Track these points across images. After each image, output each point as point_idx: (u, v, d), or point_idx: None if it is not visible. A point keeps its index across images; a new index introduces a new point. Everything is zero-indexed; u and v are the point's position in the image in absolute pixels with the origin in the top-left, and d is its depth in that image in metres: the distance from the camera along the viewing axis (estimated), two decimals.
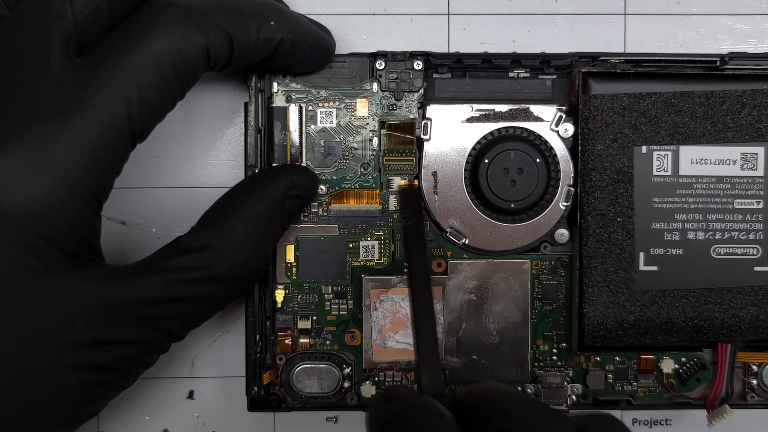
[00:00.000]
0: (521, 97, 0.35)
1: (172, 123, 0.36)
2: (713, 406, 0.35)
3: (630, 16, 0.37)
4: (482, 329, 0.35)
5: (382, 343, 0.35)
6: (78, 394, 0.27)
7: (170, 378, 0.37)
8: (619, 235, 0.34)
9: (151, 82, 0.27)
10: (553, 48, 0.36)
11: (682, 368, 0.36)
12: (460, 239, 0.35)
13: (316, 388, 0.35)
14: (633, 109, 0.34)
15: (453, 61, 0.34)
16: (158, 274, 0.28)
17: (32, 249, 0.25)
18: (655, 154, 0.34)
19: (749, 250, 0.34)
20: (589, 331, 0.34)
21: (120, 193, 0.36)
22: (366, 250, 0.35)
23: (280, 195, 0.32)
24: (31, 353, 0.26)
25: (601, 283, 0.34)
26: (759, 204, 0.34)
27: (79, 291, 0.26)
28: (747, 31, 0.37)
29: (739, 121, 0.34)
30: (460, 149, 0.35)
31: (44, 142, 0.25)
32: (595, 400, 0.36)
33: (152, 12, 0.27)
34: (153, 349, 0.29)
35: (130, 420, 0.37)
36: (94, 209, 0.27)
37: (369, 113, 0.35)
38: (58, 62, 0.26)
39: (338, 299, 0.35)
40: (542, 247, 0.36)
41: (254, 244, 0.31)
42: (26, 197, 0.25)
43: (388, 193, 0.35)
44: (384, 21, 0.37)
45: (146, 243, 0.36)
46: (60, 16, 0.27)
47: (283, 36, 0.30)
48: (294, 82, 0.34)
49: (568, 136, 0.35)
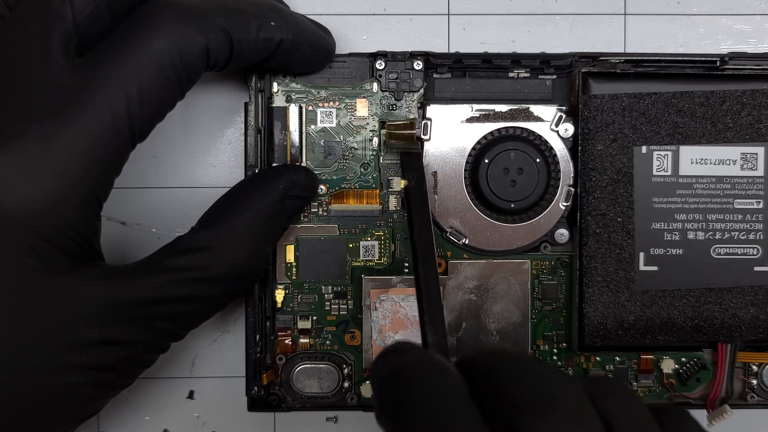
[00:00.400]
0: (521, 97, 0.35)
1: (172, 123, 0.36)
2: (713, 406, 0.35)
3: (630, 16, 0.37)
4: (482, 329, 0.35)
5: (382, 343, 0.35)
6: (78, 394, 0.27)
7: (170, 378, 0.37)
8: (619, 235, 0.34)
9: (151, 81, 0.27)
10: (553, 48, 0.36)
11: (682, 368, 0.36)
12: (460, 239, 0.35)
13: (316, 388, 0.35)
14: (633, 109, 0.34)
15: (453, 61, 0.34)
16: (158, 274, 0.28)
17: (32, 249, 0.25)
18: (655, 154, 0.34)
19: (749, 250, 0.34)
20: (589, 331, 0.34)
21: (120, 193, 0.36)
22: (366, 250, 0.35)
23: (280, 195, 0.32)
24: (30, 353, 0.26)
25: (601, 283, 0.34)
26: (759, 204, 0.34)
27: (79, 291, 0.26)
28: (747, 31, 0.37)
29: (739, 121, 0.34)
30: (460, 149, 0.35)
31: (44, 142, 0.25)
32: None
33: (152, 12, 0.27)
34: (153, 348, 0.29)
35: (130, 420, 0.37)
36: (94, 209, 0.27)
37: (369, 113, 0.35)
38: (58, 62, 0.26)
39: (338, 299, 0.35)
40: (542, 247, 0.36)
41: (254, 245, 0.31)
42: (26, 197, 0.25)
43: (388, 193, 0.35)
44: (384, 21, 0.37)
45: (146, 243, 0.36)
46: (60, 16, 0.27)
47: (283, 36, 0.30)
48: (294, 82, 0.34)
49: (568, 136, 0.35)
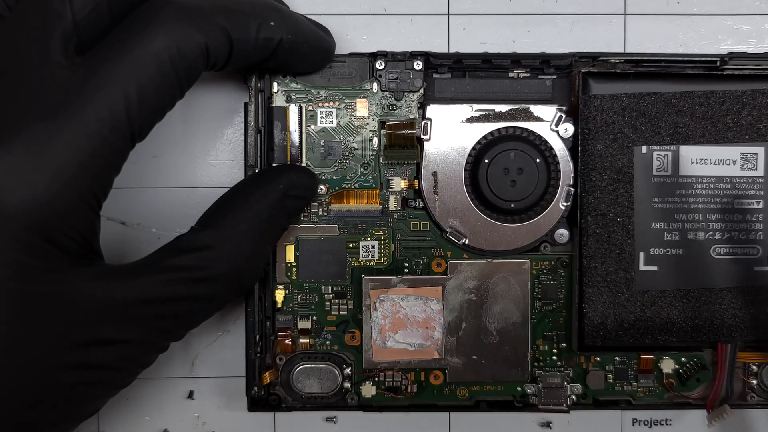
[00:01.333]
0: (521, 97, 0.35)
1: (172, 123, 0.36)
2: (713, 406, 0.35)
3: (630, 16, 0.37)
4: (482, 329, 0.35)
5: (382, 343, 0.35)
6: (77, 393, 0.27)
7: (170, 378, 0.37)
8: (619, 235, 0.34)
9: (151, 80, 0.27)
10: (553, 48, 0.36)
11: (682, 368, 0.36)
12: (460, 239, 0.35)
13: (316, 388, 0.35)
14: (633, 109, 0.34)
15: (453, 61, 0.34)
16: (157, 273, 0.28)
17: (31, 248, 0.25)
18: (655, 154, 0.34)
19: (749, 250, 0.34)
20: (589, 331, 0.34)
21: (120, 193, 0.36)
22: (366, 250, 0.35)
23: (280, 195, 0.32)
24: (29, 352, 0.26)
25: (601, 283, 0.34)
26: (759, 204, 0.34)
27: (78, 290, 0.26)
28: (747, 31, 0.37)
29: (739, 121, 0.34)
30: (460, 149, 0.35)
31: (44, 141, 0.25)
32: (595, 400, 0.36)
33: (152, 11, 0.27)
34: (152, 348, 0.29)
35: (130, 420, 0.37)
36: (94, 208, 0.27)
37: (369, 113, 0.35)
38: (57, 61, 0.26)
39: (338, 299, 0.35)
40: (542, 247, 0.36)
41: (253, 244, 0.31)
42: (26, 196, 0.25)
43: (388, 193, 0.35)
44: (384, 21, 0.37)
45: (146, 243, 0.36)
46: (59, 15, 0.27)
47: (282, 36, 0.30)
48: (294, 82, 0.34)
49: (568, 136, 0.35)
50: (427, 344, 0.35)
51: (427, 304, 0.35)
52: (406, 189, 0.35)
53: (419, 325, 0.35)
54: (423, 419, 0.37)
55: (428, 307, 0.35)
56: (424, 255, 0.35)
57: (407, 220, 0.35)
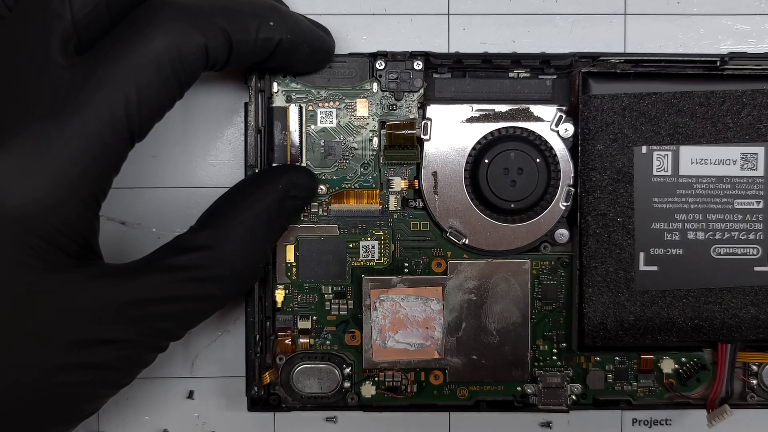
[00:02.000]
0: (521, 97, 0.35)
1: (171, 123, 0.36)
2: (713, 406, 0.35)
3: (630, 16, 0.37)
4: (482, 329, 0.35)
5: (382, 343, 0.35)
6: (76, 393, 0.27)
7: (170, 378, 0.37)
8: (619, 235, 0.34)
9: (150, 81, 0.27)
10: (553, 48, 0.36)
11: (682, 368, 0.36)
12: (460, 239, 0.35)
13: (316, 388, 0.35)
14: (633, 109, 0.34)
15: (453, 61, 0.34)
16: (157, 273, 0.28)
17: (31, 248, 0.25)
18: (655, 154, 0.34)
19: (749, 250, 0.34)
20: (589, 331, 0.34)
21: (120, 193, 0.36)
22: (366, 250, 0.35)
23: (280, 195, 0.32)
24: (29, 352, 0.26)
25: (601, 283, 0.34)
26: (759, 204, 0.34)
27: (77, 290, 0.26)
28: (747, 31, 0.37)
29: (739, 121, 0.34)
30: (460, 149, 0.35)
31: (43, 142, 0.25)
32: (595, 400, 0.36)
33: (151, 11, 0.27)
34: (151, 348, 0.29)
35: (130, 420, 0.37)
36: (93, 208, 0.27)
37: (369, 113, 0.35)
38: (57, 61, 0.26)
39: (338, 299, 0.35)
40: (542, 247, 0.36)
41: (253, 244, 0.31)
42: (25, 197, 0.25)
43: (388, 193, 0.35)
44: (384, 21, 0.37)
45: (146, 243, 0.36)
46: (59, 15, 0.27)
47: (282, 36, 0.30)
48: (294, 82, 0.34)
49: (568, 136, 0.35)
50: (427, 344, 0.35)
51: (427, 304, 0.35)
52: (406, 189, 0.35)
53: (419, 325, 0.35)
54: (423, 419, 0.37)
55: (428, 307, 0.35)
56: (424, 255, 0.35)
57: (407, 220, 0.35)
